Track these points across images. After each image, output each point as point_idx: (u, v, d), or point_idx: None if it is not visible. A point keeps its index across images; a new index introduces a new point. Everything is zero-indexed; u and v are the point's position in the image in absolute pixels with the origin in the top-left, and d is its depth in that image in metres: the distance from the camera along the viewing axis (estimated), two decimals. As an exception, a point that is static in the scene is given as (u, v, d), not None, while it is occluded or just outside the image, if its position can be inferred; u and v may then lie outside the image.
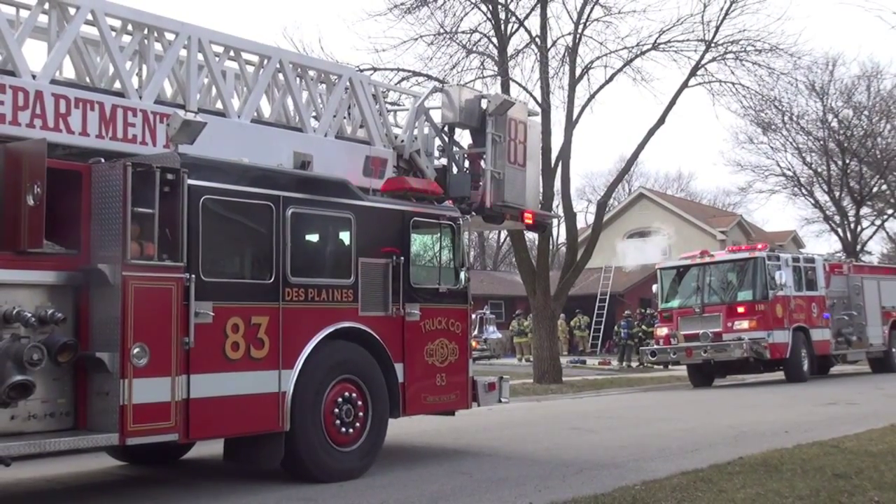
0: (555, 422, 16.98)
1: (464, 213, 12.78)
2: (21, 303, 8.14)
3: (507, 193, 13.59)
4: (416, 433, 13.64)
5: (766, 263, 25.80)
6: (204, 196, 9.22)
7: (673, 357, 26.71)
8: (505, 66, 27.31)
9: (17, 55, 9.24)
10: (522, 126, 14.16)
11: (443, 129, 13.87)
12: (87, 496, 9.82)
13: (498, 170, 13.48)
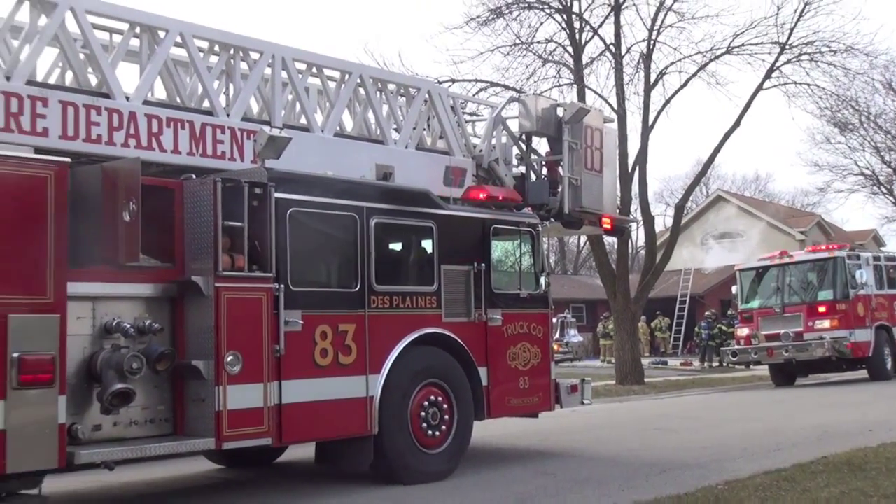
0: (637, 423, 16.81)
1: (543, 220, 12.77)
2: (121, 314, 8.32)
3: (584, 199, 13.51)
4: (501, 435, 13.60)
5: (846, 263, 25.27)
6: (291, 208, 9.33)
7: (754, 357, 26.23)
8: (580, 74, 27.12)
9: (111, 78, 9.47)
10: (598, 132, 14.07)
11: (520, 138, 13.86)
12: (185, 499, 9.97)
13: (575, 176, 13.42)
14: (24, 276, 7.43)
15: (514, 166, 13.82)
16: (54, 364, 7.47)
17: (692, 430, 15.15)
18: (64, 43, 9.50)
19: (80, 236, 7.83)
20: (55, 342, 7.51)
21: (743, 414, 18.14)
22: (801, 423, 15.56)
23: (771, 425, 15.46)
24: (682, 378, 30.55)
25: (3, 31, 9.59)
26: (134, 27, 10.03)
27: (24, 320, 7.36)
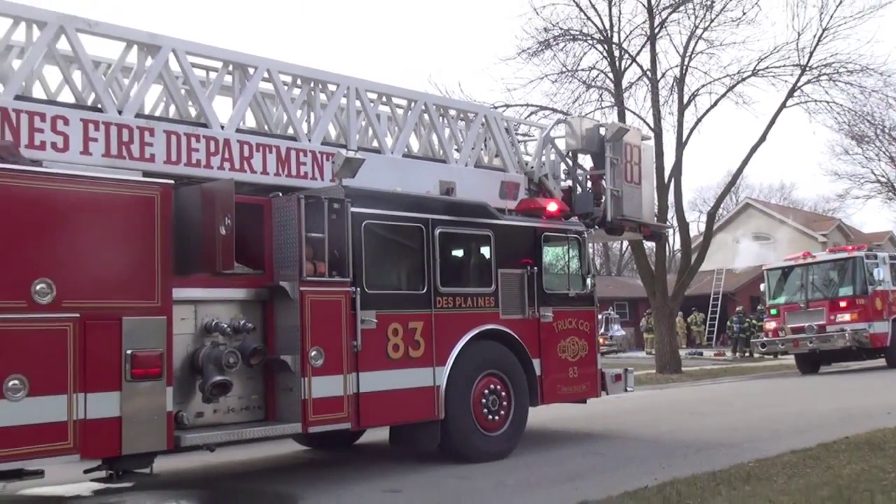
0: (676, 407, 16.62)
1: (588, 227, 12.73)
2: (219, 316, 8.43)
3: (625, 208, 13.45)
4: (554, 419, 13.54)
5: (864, 262, 24.98)
6: (365, 221, 9.39)
7: (781, 348, 26.07)
8: (620, 97, 27.01)
9: (208, 110, 9.60)
10: (637, 149, 14.00)
11: (567, 155, 13.83)
12: (277, 477, 10.06)
13: (617, 188, 13.35)
14: (136, 284, 7.54)
15: (561, 180, 13.76)
16: (162, 359, 7.57)
17: (725, 414, 14.96)
18: (167, 80, 9.66)
19: (183, 248, 7.91)
20: (163, 340, 7.62)
21: (771, 399, 17.86)
22: (824, 406, 15.30)
23: (797, 409, 15.20)
24: (716, 367, 30.16)
25: (114, 71, 9.77)
26: (227, 65, 10.16)
27: (136, 322, 7.47)
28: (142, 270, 7.57)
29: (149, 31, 9.35)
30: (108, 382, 7.26)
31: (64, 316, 7.05)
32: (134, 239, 7.56)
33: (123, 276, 7.47)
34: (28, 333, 6.87)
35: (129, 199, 7.60)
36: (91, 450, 7.22)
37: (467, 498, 8.37)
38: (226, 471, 10.51)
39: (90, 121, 8.56)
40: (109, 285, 7.37)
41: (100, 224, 7.38)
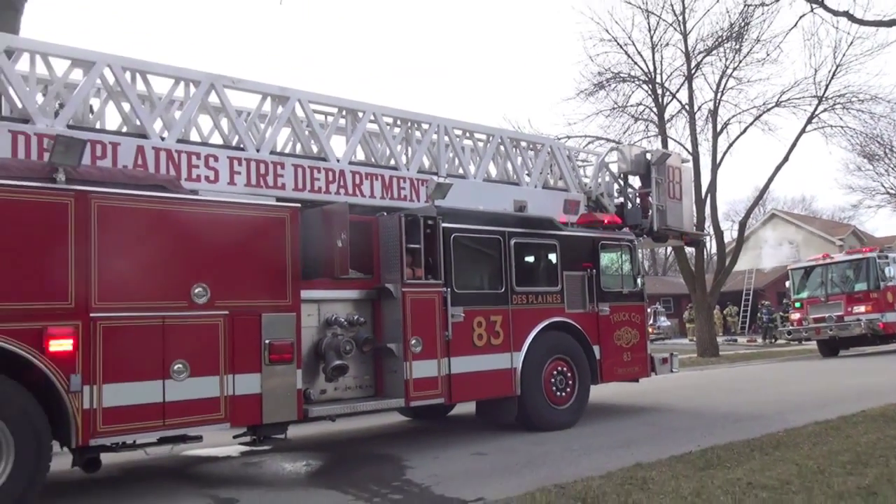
0: (714, 386, 16.22)
1: (637, 236, 12.61)
2: (337, 312, 8.55)
3: (669, 220, 13.26)
4: (611, 395, 13.36)
5: (877, 261, 24.13)
6: (454, 234, 9.43)
7: (805, 335, 25.33)
8: (663, 127, 26.66)
9: (326, 147, 9.78)
10: (678, 170, 13.80)
11: (619, 177, 13.68)
12: (385, 441, 10.15)
13: (661, 203, 13.17)
14: (272, 287, 7.68)
15: (615, 198, 13.62)
16: (293, 347, 7.70)
17: (757, 391, 14.55)
18: (294, 124, 9.88)
19: (308, 258, 8.07)
20: (293, 332, 7.74)
21: (797, 379, 17.28)
22: (843, 385, 14.76)
23: (819, 387, 14.69)
24: (749, 352, 29.37)
25: (253, 118, 10.03)
26: (341, 110, 10.34)
27: (272, 317, 7.61)
28: (276, 276, 7.71)
29: (279, 85, 9.57)
30: (250, 366, 7.42)
31: (216, 313, 7.24)
32: (269, 251, 7.71)
33: (262, 280, 7.63)
34: (189, 327, 7.07)
35: (266, 219, 7.77)
36: (238, 419, 7.39)
37: (540, 460, 8.32)
38: (344, 437, 10.64)
39: (235, 158, 8.81)
40: (251, 288, 7.53)
41: (243, 239, 7.56)
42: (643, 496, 6.29)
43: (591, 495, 6.37)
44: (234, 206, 7.69)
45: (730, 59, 26.81)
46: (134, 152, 8.07)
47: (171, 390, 6.88)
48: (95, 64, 8.20)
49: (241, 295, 7.43)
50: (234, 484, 7.78)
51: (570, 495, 6.43)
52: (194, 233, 7.23)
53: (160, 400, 6.83)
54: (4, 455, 6.12)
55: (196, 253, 7.21)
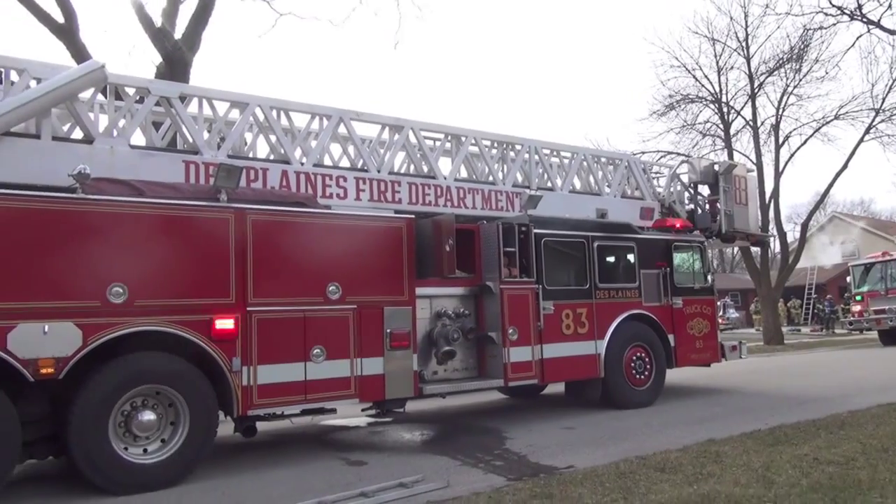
0: (780, 371, 15.43)
1: (707, 238, 12.15)
2: (446, 305, 8.60)
3: (736, 223, 12.70)
4: (686, 379, 12.91)
5: (933, 258, 22.51)
6: (544, 238, 9.34)
7: (866, 325, 23.82)
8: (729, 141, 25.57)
9: (435, 167, 9.86)
10: (744, 179, 13.20)
11: (689, 186, 13.21)
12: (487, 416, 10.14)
13: (729, 209, 12.64)
14: (391, 285, 7.79)
15: (686, 205, 13.16)
16: (410, 335, 7.80)
17: (821, 376, 13.74)
18: (408, 148, 10.01)
19: (421, 260, 8.14)
20: (410, 323, 7.83)
21: (858, 365, 16.24)
22: (903, 370, 13.80)
23: (880, 373, 13.76)
24: (812, 340, 27.74)
25: (374, 145, 10.21)
26: (447, 136, 10.40)
27: (392, 310, 7.72)
28: (395, 275, 7.82)
29: (395, 116, 9.72)
30: (375, 351, 7.54)
31: (347, 307, 7.40)
32: (389, 254, 7.83)
33: (383, 279, 7.74)
34: (324, 319, 7.26)
35: (386, 228, 7.90)
36: (365, 395, 7.53)
37: (623, 434, 8.12)
38: (452, 411, 10.69)
39: (360, 178, 8.99)
40: (374, 286, 7.66)
41: (368, 245, 7.70)
42: (717, 468, 6.05)
43: (670, 466, 6.18)
44: (360, 218, 7.86)
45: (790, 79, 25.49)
46: (279, 176, 8.37)
47: (311, 371, 7.09)
48: (249, 105, 8.56)
49: (367, 292, 7.57)
50: (362, 449, 7.94)
51: (650, 465, 6.25)
52: (328, 241, 7.42)
53: (302, 378, 7.05)
54: (182, 422, 6.46)
55: (329, 257, 7.39)
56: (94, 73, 7.38)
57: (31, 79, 7.14)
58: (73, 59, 13.11)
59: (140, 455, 6.29)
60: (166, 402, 6.45)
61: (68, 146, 7.31)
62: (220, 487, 6.27)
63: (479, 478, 6.32)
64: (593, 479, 5.89)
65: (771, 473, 5.79)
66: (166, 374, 6.38)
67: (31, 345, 5.75)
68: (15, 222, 5.85)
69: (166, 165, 7.65)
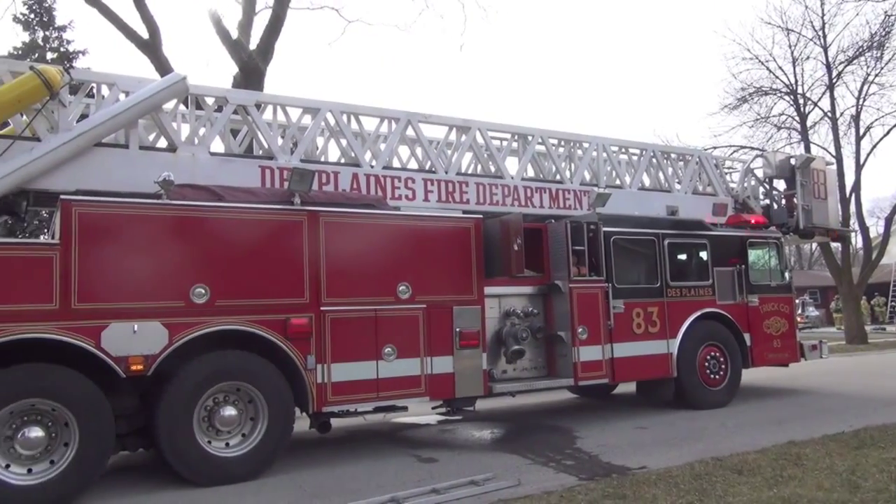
0: (864, 371, 14.66)
1: (784, 234, 11.70)
2: (514, 305, 8.57)
3: (814, 218, 12.21)
4: (763, 379, 12.45)
5: None
6: (613, 237, 9.19)
7: (955, 323, 22.33)
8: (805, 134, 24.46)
9: (502, 167, 9.84)
10: (822, 172, 12.66)
11: (764, 181, 12.76)
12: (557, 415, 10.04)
13: (807, 203, 12.15)
14: (460, 284, 7.82)
15: (760, 200, 12.71)
16: (479, 335, 7.80)
17: (909, 376, 13.03)
18: (475, 149, 10.00)
19: (490, 260, 8.13)
20: (479, 322, 7.84)
21: (951, 365, 15.31)
22: None
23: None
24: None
25: (441, 146, 10.25)
26: (514, 136, 10.36)
27: (461, 309, 7.74)
28: (464, 275, 7.85)
29: (462, 118, 9.75)
30: (444, 349, 7.58)
31: (417, 306, 7.47)
32: (458, 254, 7.86)
33: (452, 279, 7.78)
34: (395, 318, 7.35)
35: (454, 228, 7.94)
36: (436, 393, 7.58)
37: (697, 434, 7.90)
38: (522, 410, 10.64)
39: (428, 179, 9.06)
40: (443, 285, 7.70)
41: (436, 245, 7.75)
42: (798, 471, 5.82)
43: (748, 468, 5.97)
44: (428, 218, 7.93)
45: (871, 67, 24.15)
46: (350, 178, 8.52)
47: (382, 369, 7.18)
48: (320, 110, 8.75)
49: (436, 291, 7.62)
50: (433, 446, 8.00)
51: (726, 467, 6.06)
52: (398, 241, 7.51)
53: (374, 377, 7.15)
54: (261, 417, 6.66)
55: (399, 257, 7.48)
56: (177, 85, 7.70)
57: (120, 92, 7.50)
58: (156, 72, 13.71)
59: (222, 448, 6.51)
60: (246, 399, 6.66)
61: (153, 155, 7.65)
62: (297, 481, 6.43)
63: (550, 477, 6.27)
64: (667, 480, 5.76)
65: (856, 477, 5.52)
66: (246, 372, 6.59)
67: (122, 343, 6.04)
68: (107, 228, 6.16)
69: (243, 171, 7.90)
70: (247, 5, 15.32)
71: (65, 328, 5.86)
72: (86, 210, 6.12)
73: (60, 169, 6.95)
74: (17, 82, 6.83)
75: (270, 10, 15.01)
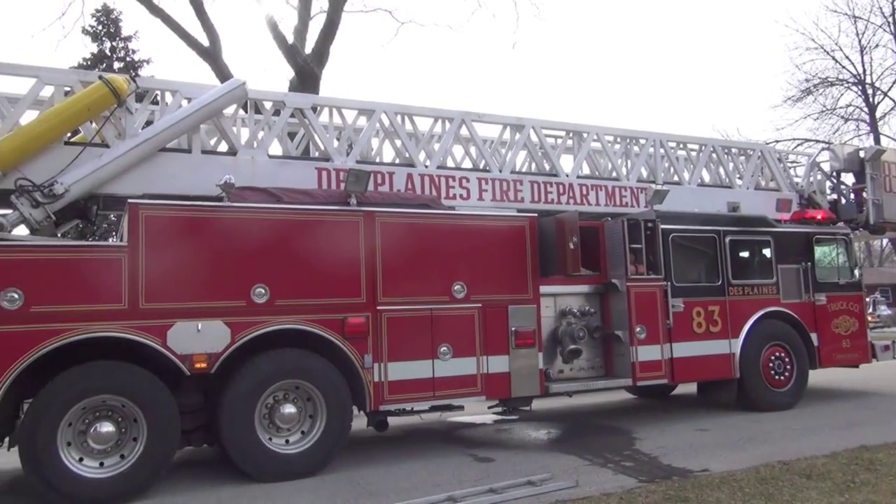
0: (941, 373, 13.99)
1: (853, 230, 11.22)
2: (570, 304, 8.47)
3: (885, 213, 11.66)
4: (831, 380, 11.98)
5: None
6: (672, 234, 8.98)
7: None
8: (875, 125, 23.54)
9: (557, 165, 9.74)
10: (893, 165, 12.05)
11: (831, 175, 12.25)
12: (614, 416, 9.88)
13: (877, 198, 11.62)
14: (516, 283, 7.78)
15: (827, 195, 12.22)
16: (535, 334, 7.76)
17: None
18: (529, 147, 9.94)
19: (545, 258, 8.06)
20: (534, 321, 7.80)
21: None
22: None
23: None
24: (978, 339, 24.92)
25: (495, 145, 10.22)
26: (568, 133, 10.25)
27: (517, 309, 7.71)
28: (519, 274, 7.80)
29: (515, 116, 9.69)
30: (500, 349, 7.55)
31: (472, 306, 7.47)
32: (513, 253, 7.82)
33: (507, 278, 7.74)
34: (451, 317, 7.35)
35: (509, 227, 7.90)
36: (492, 393, 7.55)
37: (762, 437, 7.65)
38: (579, 411, 10.52)
39: (482, 178, 9.04)
40: (498, 285, 7.68)
41: (491, 244, 7.73)
42: (871, 476, 5.58)
43: (816, 472, 5.76)
44: (483, 217, 7.91)
45: (946, 54, 23.11)
46: (405, 179, 8.57)
47: (438, 368, 7.20)
48: (375, 111, 8.83)
49: (491, 290, 7.60)
50: (489, 446, 7.97)
51: (794, 471, 5.85)
52: (452, 241, 7.52)
53: (430, 376, 7.17)
54: (320, 415, 6.76)
55: (454, 257, 7.49)
56: (236, 91, 7.88)
57: (183, 98, 7.73)
58: (216, 78, 14.09)
59: (283, 445, 6.63)
60: (305, 397, 6.77)
61: (215, 158, 7.85)
62: (354, 478, 6.50)
63: (609, 478, 6.17)
64: (731, 483, 5.60)
65: (935, 485, 5.26)
66: (304, 370, 6.70)
67: (187, 341, 6.22)
68: (171, 230, 6.35)
69: (301, 172, 8.04)
70: (302, 11, 15.59)
71: (133, 327, 6.06)
72: (152, 213, 6.32)
73: (128, 174, 7.20)
74: (88, 91, 7.11)
75: (325, 14, 15.25)
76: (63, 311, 5.85)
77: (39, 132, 6.85)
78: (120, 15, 25.72)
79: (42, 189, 6.66)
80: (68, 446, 5.86)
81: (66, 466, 5.80)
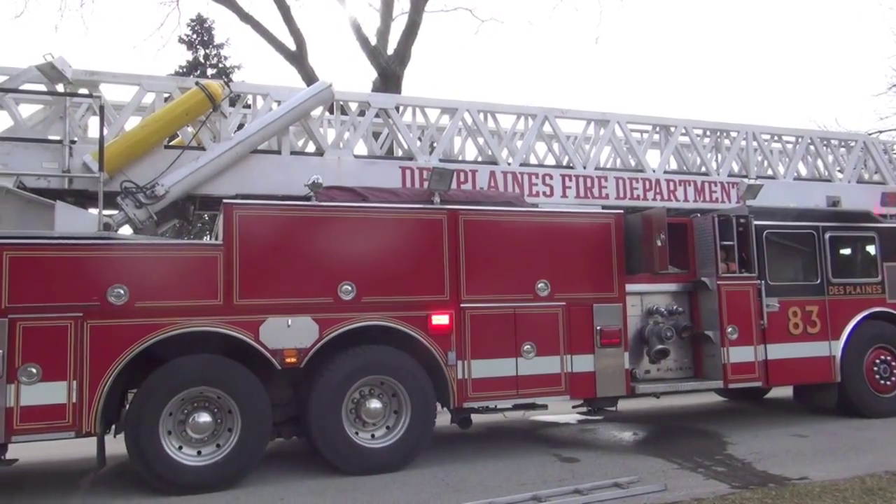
0: None
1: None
2: (658, 303, 8.25)
3: None
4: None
5: None
6: (765, 230, 8.58)
7: None
8: None
9: (643, 160, 9.50)
10: None
11: (947, 166, 11.41)
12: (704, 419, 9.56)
13: None
14: (601, 281, 7.64)
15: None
16: (621, 333, 7.60)
17: None
18: (614, 142, 9.74)
19: (631, 256, 7.88)
20: (620, 320, 7.64)
21: None
22: None
23: None
24: None
25: (579, 141, 10.05)
26: (655, 127, 9.97)
27: (602, 307, 7.57)
28: (604, 272, 7.67)
29: (600, 111, 9.51)
30: (585, 348, 7.45)
31: (556, 304, 7.39)
32: (598, 251, 7.69)
33: (592, 276, 7.62)
34: (534, 315, 7.30)
35: (594, 224, 7.77)
36: (576, 392, 7.45)
37: (866, 445, 7.22)
38: (666, 413, 10.22)
39: (566, 175, 8.93)
40: (583, 283, 7.56)
41: (575, 242, 7.62)
42: None
43: (929, 485, 5.38)
44: (567, 215, 7.81)
45: None
46: (487, 176, 8.56)
47: (522, 366, 7.16)
48: (457, 110, 8.86)
49: (575, 288, 7.49)
50: (574, 446, 7.86)
51: (904, 483, 5.49)
52: (536, 238, 7.46)
53: (514, 374, 7.14)
54: (404, 411, 6.84)
55: (538, 254, 7.42)
56: (323, 93, 8.08)
57: (273, 101, 7.99)
58: (302, 80, 14.48)
59: (369, 440, 6.76)
60: (390, 392, 6.87)
61: (303, 159, 8.08)
62: (439, 474, 6.54)
63: (699, 483, 5.97)
64: (834, 493, 5.31)
65: None
66: (389, 366, 6.80)
67: (278, 337, 6.42)
68: (263, 228, 6.57)
69: (385, 172, 8.16)
70: (384, 12, 15.82)
71: (228, 322, 6.31)
72: (245, 212, 6.56)
73: (222, 175, 7.51)
74: (185, 97, 7.46)
75: (407, 15, 15.41)
76: (164, 306, 6.16)
77: (142, 137, 7.24)
78: (213, 23, 26.83)
79: (145, 191, 7.04)
80: (169, 434, 6.16)
81: (167, 454, 6.10)
